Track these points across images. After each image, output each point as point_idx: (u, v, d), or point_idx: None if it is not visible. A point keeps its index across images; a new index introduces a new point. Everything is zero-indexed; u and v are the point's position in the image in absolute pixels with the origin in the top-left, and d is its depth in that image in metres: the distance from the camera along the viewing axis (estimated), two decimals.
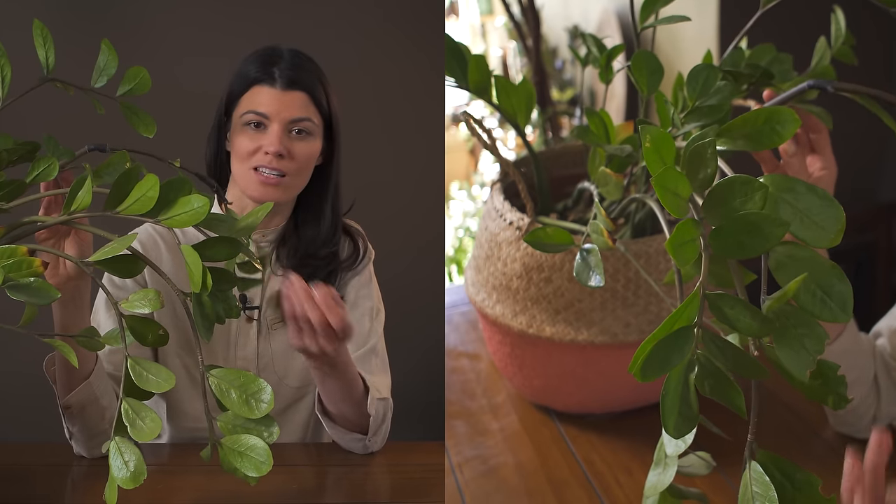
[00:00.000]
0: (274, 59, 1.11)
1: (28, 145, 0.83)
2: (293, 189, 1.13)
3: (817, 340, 0.61)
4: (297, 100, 1.10)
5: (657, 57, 0.93)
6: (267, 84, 1.10)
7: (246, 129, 1.10)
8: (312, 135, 1.12)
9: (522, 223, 1.11)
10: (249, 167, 1.10)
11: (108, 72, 0.91)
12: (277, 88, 1.10)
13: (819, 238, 0.63)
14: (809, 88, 0.75)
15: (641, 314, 1.07)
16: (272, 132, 1.09)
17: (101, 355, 1.04)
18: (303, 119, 1.10)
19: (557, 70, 3.24)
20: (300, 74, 1.11)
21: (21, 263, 0.74)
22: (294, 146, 1.10)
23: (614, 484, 1.08)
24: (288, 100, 1.10)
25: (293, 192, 1.14)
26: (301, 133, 1.11)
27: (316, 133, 1.13)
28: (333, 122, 1.15)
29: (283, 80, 1.10)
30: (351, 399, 1.06)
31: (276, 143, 1.08)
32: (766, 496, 0.63)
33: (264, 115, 1.09)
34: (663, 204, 0.63)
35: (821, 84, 0.73)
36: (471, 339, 1.47)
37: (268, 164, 1.09)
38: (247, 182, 1.10)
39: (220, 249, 0.80)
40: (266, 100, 1.10)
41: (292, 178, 1.11)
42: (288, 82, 1.10)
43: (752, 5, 0.94)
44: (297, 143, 1.10)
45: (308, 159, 1.12)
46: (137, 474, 0.76)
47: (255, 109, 1.10)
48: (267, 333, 1.16)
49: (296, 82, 1.10)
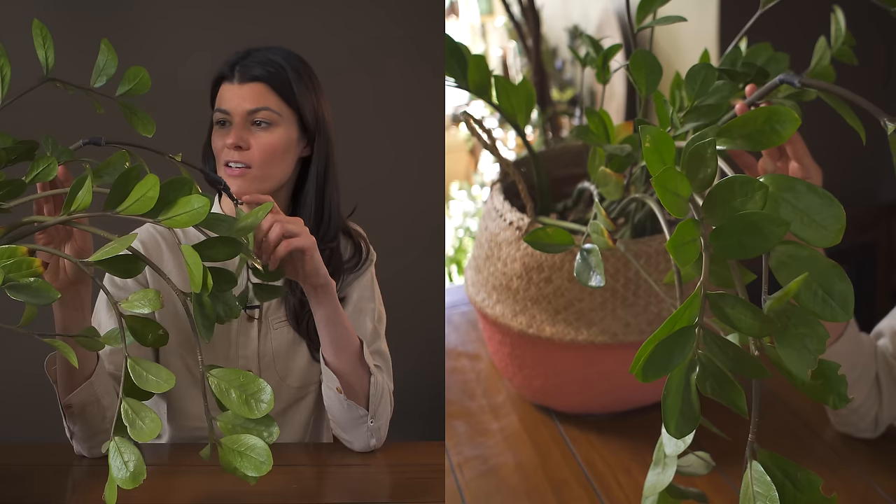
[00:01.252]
0: (239, 58, 1.13)
1: (27, 144, 0.83)
2: (264, 180, 1.12)
3: (818, 340, 0.61)
4: (253, 90, 1.11)
5: (656, 57, 0.93)
6: (227, 80, 1.12)
7: (217, 129, 1.13)
8: (275, 125, 1.12)
9: (522, 223, 1.11)
10: (222, 164, 1.12)
11: (108, 72, 0.91)
12: (235, 83, 1.11)
13: (819, 237, 0.62)
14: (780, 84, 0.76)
15: (641, 314, 1.07)
16: (233, 126, 1.11)
17: (103, 355, 1.04)
18: (259, 109, 1.11)
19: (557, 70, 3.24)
20: (258, 67, 1.11)
21: (21, 263, 0.74)
22: (254, 137, 1.11)
23: (614, 484, 1.08)
24: (244, 92, 1.11)
25: (266, 184, 1.12)
26: (261, 124, 1.11)
27: (280, 123, 1.12)
28: (305, 112, 1.14)
29: (240, 75, 1.11)
30: (348, 346, 1.07)
31: (232, 135, 1.10)
32: (767, 496, 0.62)
33: (226, 112, 1.11)
34: (663, 204, 0.63)
35: (789, 79, 0.74)
36: (471, 339, 1.47)
37: (230, 157, 1.10)
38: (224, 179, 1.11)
39: (221, 249, 0.80)
40: (227, 96, 1.11)
41: (259, 169, 1.11)
42: (244, 76, 1.11)
43: (752, 5, 0.94)
44: (259, 132, 1.11)
45: (272, 149, 1.11)
46: (137, 474, 0.76)
47: (219, 107, 1.12)
48: (268, 333, 1.16)
49: (252, 75, 1.11)
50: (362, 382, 1.09)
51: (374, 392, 1.09)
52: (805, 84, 0.72)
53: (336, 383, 1.08)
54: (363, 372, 1.09)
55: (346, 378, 1.08)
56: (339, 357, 1.08)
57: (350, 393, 1.08)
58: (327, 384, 1.09)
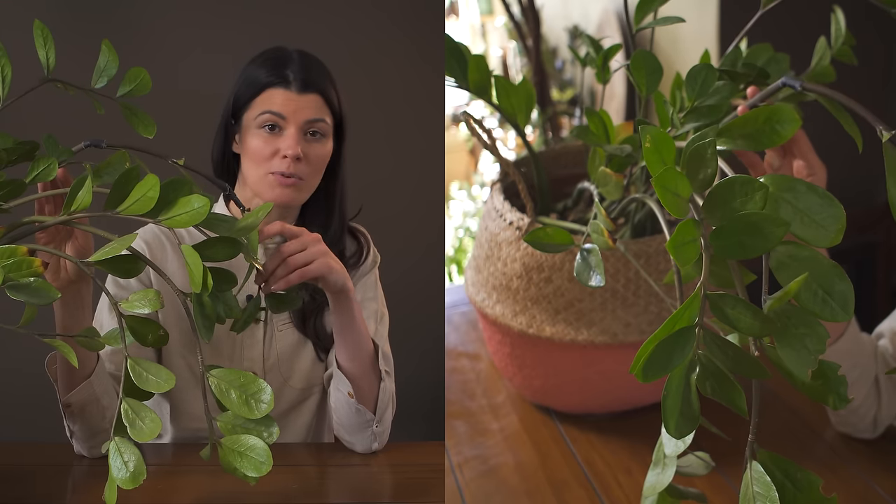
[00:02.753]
0: (285, 62, 1.11)
1: (27, 145, 0.83)
2: (307, 191, 1.13)
3: (818, 340, 0.61)
4: (313, 101, 1.11)
5: (656, 57, 0.93)
6: (281, 87, 1.10)
7: (260, 132, 1.10)
8: (326, 136, 1.13)
9: (522, 223, 1.11)
10: (266, 171, 1.10)
11: (109, 72, 0.91)
12: (293, 91, 1.10)
13: (819, 237, 0.62)
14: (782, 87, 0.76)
15: (641, 314, 1.07)
16: (289, 135, 1.09)
17: (104, 355, 1.04)
18: (318, 120, 1.11)
19: (557, 70, 3.24)
20: (313, 76, 1.11)
21: (21, 263, 0.74)
22: (310, 148, 1.11)
23: (614, 484, 1.08)
24: (304, 102, 1.10)
25: (307, 194, 1.14)
26: (316, 135, 1.11)
27: (329, 134, 1.13)
28: (344, 122, 1.16)
29: (298, 83, 1.10)
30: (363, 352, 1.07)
31: (294, 146, 1.08)
32: (767, 496, 0.62)
33: (281, 116, 1.09)
34: (663, 204, 0.63)
35: (791, 82, 0.74)
36: (471, 339, 1.47)
37: (286, 168, 1.09)
38: (262, 185, 1.10)
39: (221, 249, 0.80)
40: (281, 101, 1.10)
41: (307, 180, 1.11)
42: (303, 84, 1.10)
43: (752, 5, 0.94)
44: (313, 144, 1.11)
45: (322, 161, 1.13)
46: (137, 474, 0.76)
47: (271, 109, 1.09)
48: (274, 335, 1.16)
49: (310, 84, 1.10)
50: (373, 388, 1.09)
51: (382, 397, 1.09)
52: (806, 88, 0.72)
53: (348, 388, 1.08)
54: (375, 377, 1.09)
55: (358, 382, 1.08)
56: (354, 362, 1.08)
57: (360, 397, 1.08)
58: (338, 387, 1.09)
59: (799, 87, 0.73)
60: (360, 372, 1.08)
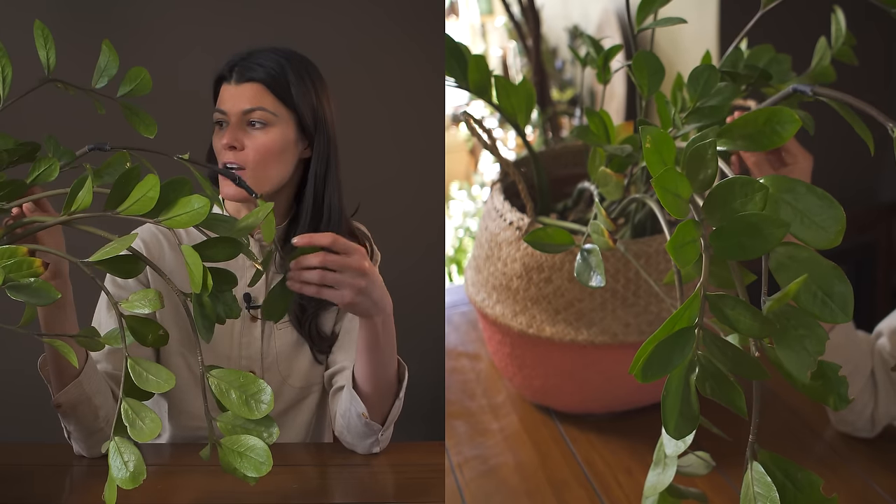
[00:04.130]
0: (239, 58, 1.12)
1: (28, 146, 0.83)
2: (260, 182, 1.11)
3: (818, 341, 0.61)
4: (248, 91, 1.10)
5: (658, 57, 0.93)
6: (226, 81, 1.11)
7: (216, 130, 1.12)
8: (271, 125, 1.10)
9: (522, 223, 1.11)
10: (221, 165, 1.11)
11: (109, 72, 0.91)
12: (232, 83, 1.11)
13: (819, 238, 0.63)
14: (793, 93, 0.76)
15: (641, 314, 1.07)
16: (228, 127, 1.10)
17: (101, 355, 1.04)
18: (254, 109, 1.09)
19: (557, 70, 3.24)
20: (256, 67, 1.10)
21: (21, 263, 0.74)
22: (248, 137, 1.10)
23: (614, 484, 1.09)
24: (239, 92, 1.10)
25: (263, 186, 1.11)
26: (256, 124, 1.10)
27: (276, 123, 1.10)
28: (304, 113, 1.13)
29: (238, 75, 1.10)
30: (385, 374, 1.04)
31: (227, 135, 1.09)
32: (767, 496, 0.63)
33: (223, 112, 1.10)
34: (663, 205, 0.63)
35: (801, 88, 0.74)
36: (471, 339, 1.47)
37: (226, 158, 1.09)
38: (221, 182, 1.10)
39: (221, 249, 0.80)
40: (225, 96, 1.11)
41: (254, 170, 1.09)
42: (241, 76, 1.10)
43: (752, 5, 0.94)
44: (254, 133, 1.10)
45: (266, 150, 1.10)
46: (137, 474, 0.76)
47: (218, 108, 1.11)
48: (272, 334, 1.16)
49: (249, 75, 1.10)
50: (386, 405, 1.07)
51: (393, 413, 1.07)
52: (817, 94, 0.72)
53: (362, 409, 1.05)
54: (391, 397, 1.06)
55: (372, 401, 1.06)
56: (371, 384, 1.05)
57: (373, 414, 1.06)
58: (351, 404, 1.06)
59: (811, 93, 0.73)
60: (378, 394, 1.05)
